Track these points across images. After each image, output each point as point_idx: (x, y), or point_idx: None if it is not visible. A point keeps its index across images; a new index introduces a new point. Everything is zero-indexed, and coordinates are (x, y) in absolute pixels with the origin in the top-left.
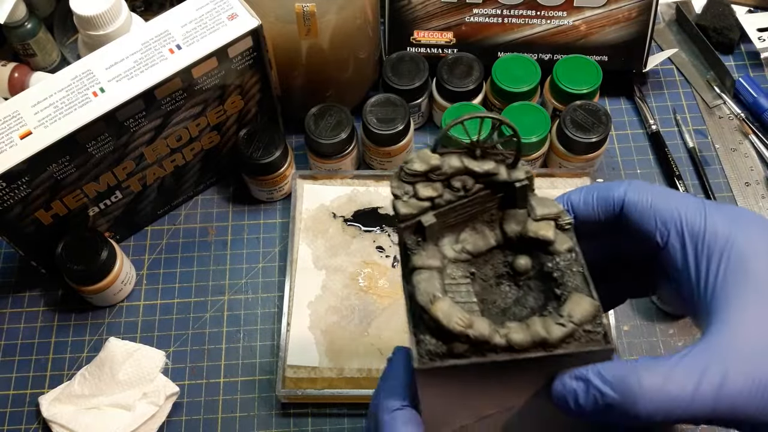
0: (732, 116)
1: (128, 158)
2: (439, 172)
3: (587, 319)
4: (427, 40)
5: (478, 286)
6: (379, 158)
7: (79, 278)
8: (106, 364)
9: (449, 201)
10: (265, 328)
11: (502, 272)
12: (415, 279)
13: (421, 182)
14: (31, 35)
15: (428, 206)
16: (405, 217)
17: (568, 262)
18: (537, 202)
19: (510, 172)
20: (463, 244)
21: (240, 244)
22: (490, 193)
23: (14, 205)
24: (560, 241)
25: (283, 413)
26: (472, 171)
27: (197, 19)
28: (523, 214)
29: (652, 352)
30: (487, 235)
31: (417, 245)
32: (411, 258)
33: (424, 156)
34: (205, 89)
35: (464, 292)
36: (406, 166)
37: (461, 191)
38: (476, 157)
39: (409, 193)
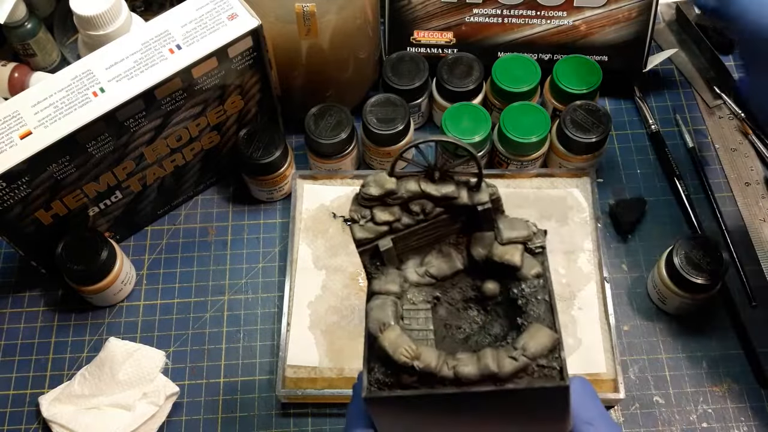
0: (732, 116)
1: (128, 158)
2: (395, 196)
3: (542, 352)
4: (427, 40)
5: (444, 310)
6: (379, 158)
7: (79, 278)
8: (106, 364)
9: (408, 225)
10: (265, 328)
11: (470, 296)
12: (368, 305)
13: (378, 206)
14: (31, 35)
15: (386, 230)
16: (362, 241)
17: (534, 289)
18: (505, 224)
19: (472, 195)
20: (427, 267)
21: (240, 244)
22: (453, 217)
23: (14, 205)
24: (528, 267)
25: (283, 413)
26: (429, 195)
27: (197, 19)
28: (490, 237)
29: (652, 352)
30: (454, 258)
31: (377, 269)
32: (371, 282)
33: (379, 180)
34: (205, 89)
35: (422, 319)
36: (362, 190)
37: (420, 215)
38: (435, 180)
39: (366, 217)
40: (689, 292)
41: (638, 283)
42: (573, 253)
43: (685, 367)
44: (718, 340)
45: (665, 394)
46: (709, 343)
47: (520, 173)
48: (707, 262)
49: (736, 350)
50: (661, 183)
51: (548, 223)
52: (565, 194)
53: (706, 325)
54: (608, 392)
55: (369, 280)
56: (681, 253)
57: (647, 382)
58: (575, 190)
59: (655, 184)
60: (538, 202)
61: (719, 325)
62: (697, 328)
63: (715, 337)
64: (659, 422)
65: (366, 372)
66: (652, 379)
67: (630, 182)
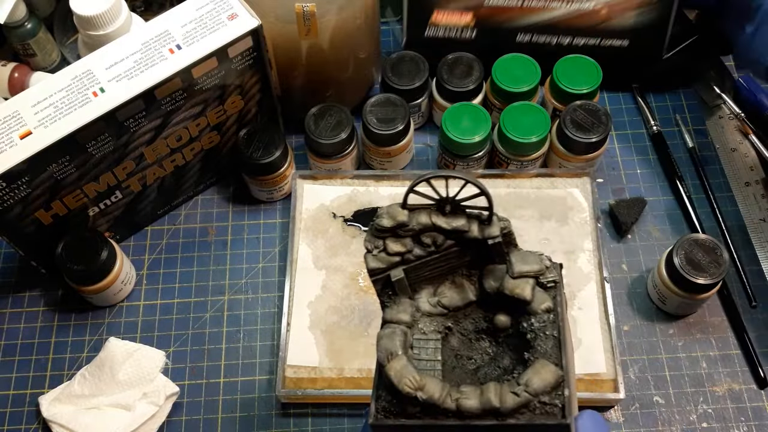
0: (732, 116)
1: (128, 158)
2: (407, 228)
3: (545, 389)
4: (447, 22)
5: (456, 340)
6: (379, 158)
7: (79, 278)
8: (106, 364)
9: (420, 256)
10: (265, 328)
11: (482, 327)
12: (378, 334)
13: (391, 237)
14: (31, 35)
15: (398, 261)
16: (374, 271)
17: (543, 324)
18: (517, 257)
19: (483, 229)
20: (440, 297)
21: (240, 244)
22: (464, 249)
23: (14, 205)
24: (538, 301)
25: (283, 413)
26: (440, 228)
27: (197, 19)
28: (502, 270)
29: (652, 352)
30: (467, 289)
31: (389, 298)
32: (383, 311)
33: (392, 212)
34: (205, 89)
35: (431, 349)
36: (375, 221)
37: (432, 247)
38: (446, 213)
39: (379, 247)
40: (689, 292)
41: (638, 283)
42: (573, 253)
43: (685, 367)
44: (718, 340)
45: (665, 394)
46: (709, 343)
47: (520, 173)
48: (707, 262)
49: (735, 350)
50: (661, 183)
51: (548, 223)
52: (565, 194)
53: (706, 325)
54: (608, 392)
55: (382, 309)
56: (681, 253)
57: (647, 382)
58: (575, 190)
59: (655, 184)
60: (538, 202)
61: (719, 325)
62: (697, 328)
63: (715, 337)
64: (659, 422)
65: (374, 399)
66: (652, 379)
67: (630, 182)
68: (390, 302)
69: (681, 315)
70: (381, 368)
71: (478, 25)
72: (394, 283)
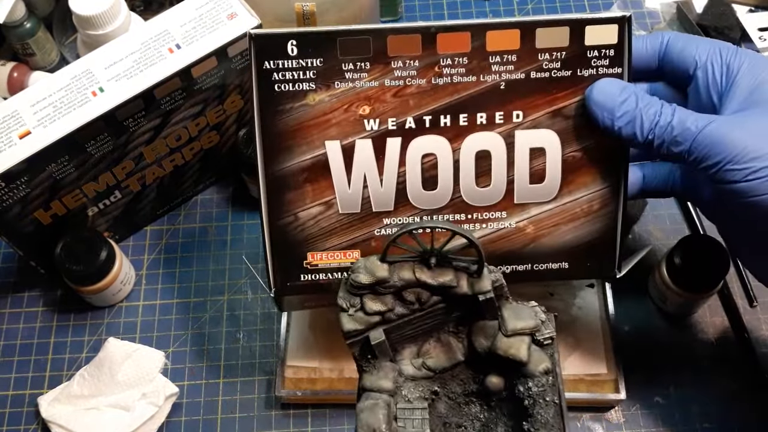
0: None
1: (127, 158)
2: (388, 284)
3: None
4: (327, 263)
5: (443, 405)
6: None
7: (78, 278)
8: (105, 365)
9: (402, 315)
10: (265, 328)
11: (471, 389)
12: (358, 406)
13: (369, 295)
14: (30, 35)
15: (377, 321)
16: (351, 333)
17: (542, 388)
18: (510, 312)
19: (473, 283)
20: (425, 358)
21: (240, 244)
22: (451, 306)
23: (13, 205)
24: (535, 361)
25: (283, 413)
26: (425, 284)
27: (197, 19)
28: (494, 327)
29: (652, 352)
30: (454, 348)
31: (368, 362)
32: (362, 376)
33: (370, 266)
34: (205, 89)
35: (417, 420)
36: (351, 277)
37: (415, 304)
38: (431, 266)
39: (355, 306)
40: (689, 292)
41: (638, 283)
42: None
43: (686, 367)
44: (718, 340)
45: (665, 394)
46: (709, 343)
47: None
48: (707, 262)
49: (736, 350)
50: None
51: None
52: None
53: (706, 325)
54: (608, 392)
55: (360, 374)
56: (681, 253)
57: (647, 382)
58: None
59: None
60: None
61: (719, 325)
62: (697, 328)
63: (715, 337)
64: (659, 422)
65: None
66: (652, 379)
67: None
68: (369, 367)
69: (681, 315)
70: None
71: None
72: (374, 347)
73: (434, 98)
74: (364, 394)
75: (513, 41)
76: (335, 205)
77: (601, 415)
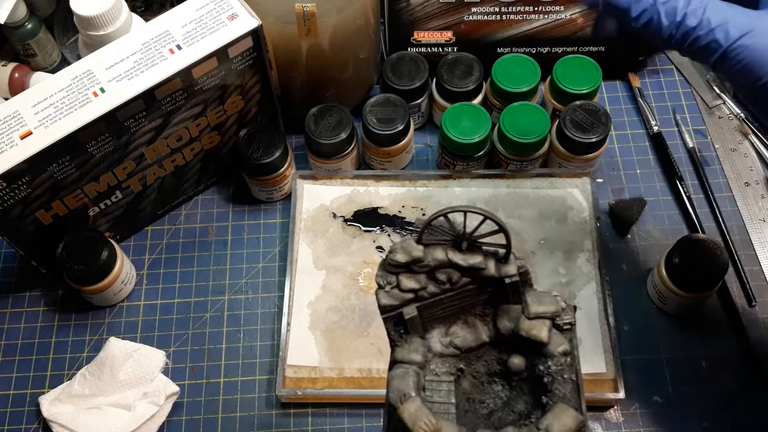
0: (732, 116)
1: (128, 158)
2: (422, 264)
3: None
4: (428, 39)
5: (467, 383)
6: (379, 158)
7: (79, 278)
8: (106, 364)
9: (434, 293)
10: (265, 328)
11: (495, 370)
12: (390, 374)
13: (404, 273)
14: (32, 35)
15: (411, 298)
16: (386, 308)
17: (560, 367)
18: (533, 298)
19: (500, 267)
20: (452, 337)
21: (240, 244)
22: (480, 287)
23: (14, 205)
24: (555, 343)
25: (283, 413)
26: (456, 264)
27: (197, 20)
28: (518, 310)
29: (652, 352)
30: (480, 329)
31: (400, 337)
32: (393, 350)
33: (407, 247)
34: (205, 89)
35: (444, 392)
36: (389, 256)
37: (447, 284)
38: (462, 249)
39: (392, 283)
40: (689, 292)
41: (638, 283)
42: (573, 253)
43: (685, 367)
44: (718, 340)
45: (665, 394)
46: (709, 343)
47: (520, 173)
48: (707, 262)
49: (735, 350)
50: (661, 183)
51: (548, 223)
52: (565, 194)
53: (706, 325)
54: (608, 392)
55: (392, 348)
56: (681, 253)
57: (647, 382)
58: (575, 190)
59: (655, 184)
60: (538, 202)
61: (719, 325)
62: (697, 328)
63: (714, 337)
64: (658, 422)
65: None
66: (652, 379)
67: (630, 182)
68: (401, 341)
69: (681, 315)
70: (393, 410)
71: (459, 40)
72: (407, 321)
73: None
74: (395, 365)
75: None
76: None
77: (601, 414)
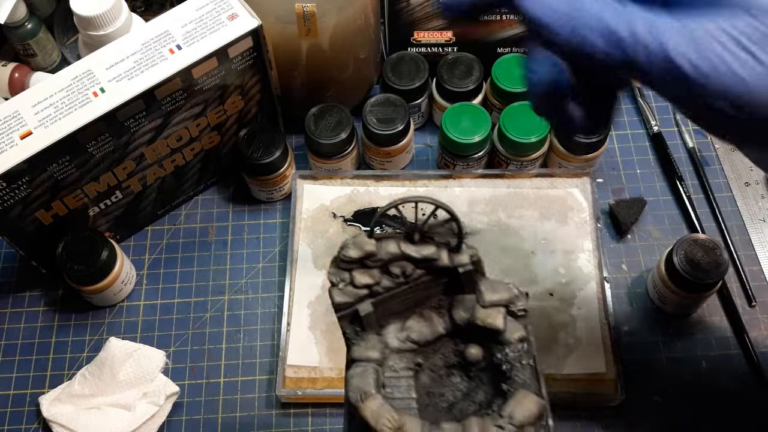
0: None
1: (128, 158)
2: (375, 258)
3: (529, 420)
4: (428, 39)
5: (426, 377)
6: (379, 158)
7: (79, 278)
8: (106, 364)
9: (389, 288)
10: (265, 328)
11: (452, 362)
12: (348, 373)
13: (358, 269)
14: (32, 35)
15: (366, 294)
16: (340, 306)
17: (517, 353)
18: (486, 286)
19: (453, 257)
20: (408, 332)
21: (240, 244)
22: (434, 279)
23: (14, 205)
24: (511, 330)
25: (283, 413)
26: (409, 257)
27: (197, 20)
28: (472, 300)
29: (652, 352)
30: (435, 322)
31: (356, 335)
32: (350, 349)
33: (358, 242)
34: (206, 89)
35: (404, 387)
36: (341, 252)
37: (401, 277)
38: (415, 241)
39: (345, 280)
40: (689, 292)
41: (638, 283)
42: (573, 253)
43: (685, 367)
44: (718, 340)
45: (665, 394)
46: (708, 343)
47: (520, 173)
48: (707, 262)
49: (735, 350)
50: (661, 183)
51: (548, 223)
52: (565, 194)
53: (706, 325)
54: (608, 392)
55: (348, 346)
56: (681, 253)
57: (647, 382)
58: (575, 190)
59: (655, 184)
60: (537, 202)
61: (719, 325)
62: (697, 328)
63: (714, 337)
64: (658, 422)
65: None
66: (652, 379)
67: (630, 182)
68: (357, 339)
69: (681, 315)
70: (354, 410)
71: (459, 40)
72: (363, 318)
73: None
74: (353, 363)
75: None
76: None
77: (600, 414)
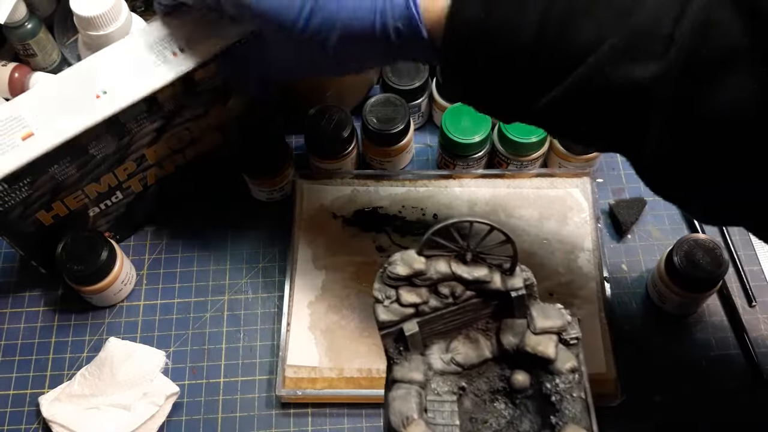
0: None
1: (129, 159)
2: (424, 277)
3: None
4: None
5: (469, 401)
6: (379, 158)
7: (79, 278)
8: (106, 364)
9: (436, 308)
10: (265, 328)
11: (497, 387)
12: (390, 395)
13: (405, 286)
14: (32, 35)
15: (411, 313)
16: (385, 324)
17: (568, 384)
18: (538, 311)
19: (506, 280)
20: (454, 354)
21: (240, 244)
22: (483, 301)
23: (15, 206)
24: (562, 359)
25: (283, 413)
26: (460, 278)
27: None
28: (522, 325)
29: (652, 352)
30: (482, 345)
31: (399, 354)
32: (392, 368)
33: (408, 258)
34: (207, 91)
35: (447, 412)
36: (388, 269)
37: (449, 298)
38: (466, 261)
39: (391, 297)
40: (689, 292)
41: (638, 283)
42: (573, 253)
43: (685, 367)
44: (718, 340)
45: (665, 394)
46: (709, 343)
47: (520, 173)
48: (707, 262)
49: (735, 350)
50: None
51: (548, 223)
52: (565, 194)
53: (706, 325)
54: (608, 392)
55: (390, 366)
56: (681, 253)
57: (647, 382)
58: (575, 190)
59: None
60: (538, 202)
61: (719, 325)
62: (697, 328)
63: (714, 337)
64: (659, 422)
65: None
66: (652, 379)
67: (630, 182)
68: (400, 358)
69: (681, 315)
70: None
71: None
72: (407, 338)
73: None
74: (395, 384)
75: None
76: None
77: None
